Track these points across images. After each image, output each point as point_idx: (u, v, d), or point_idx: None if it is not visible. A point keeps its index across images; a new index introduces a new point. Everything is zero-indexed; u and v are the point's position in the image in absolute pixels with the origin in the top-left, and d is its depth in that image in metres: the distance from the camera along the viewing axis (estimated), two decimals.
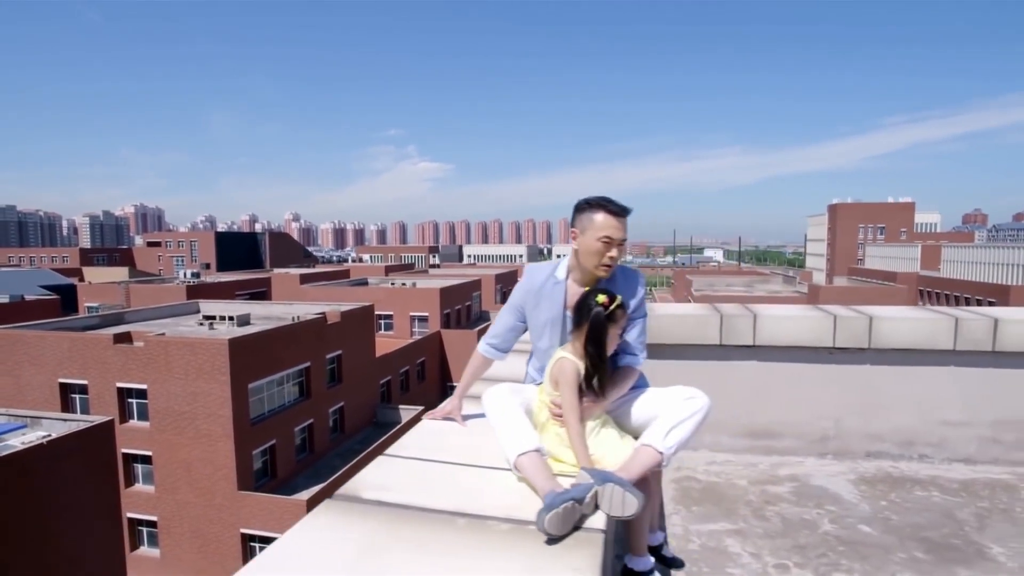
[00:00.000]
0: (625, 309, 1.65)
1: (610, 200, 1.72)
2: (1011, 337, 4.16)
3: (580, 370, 1.55)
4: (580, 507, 1.28)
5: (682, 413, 1.62)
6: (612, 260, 1.72)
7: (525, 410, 1.60)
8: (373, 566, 1.13)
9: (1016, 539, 3.30)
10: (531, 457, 1.43)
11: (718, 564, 3.06)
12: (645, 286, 1.80)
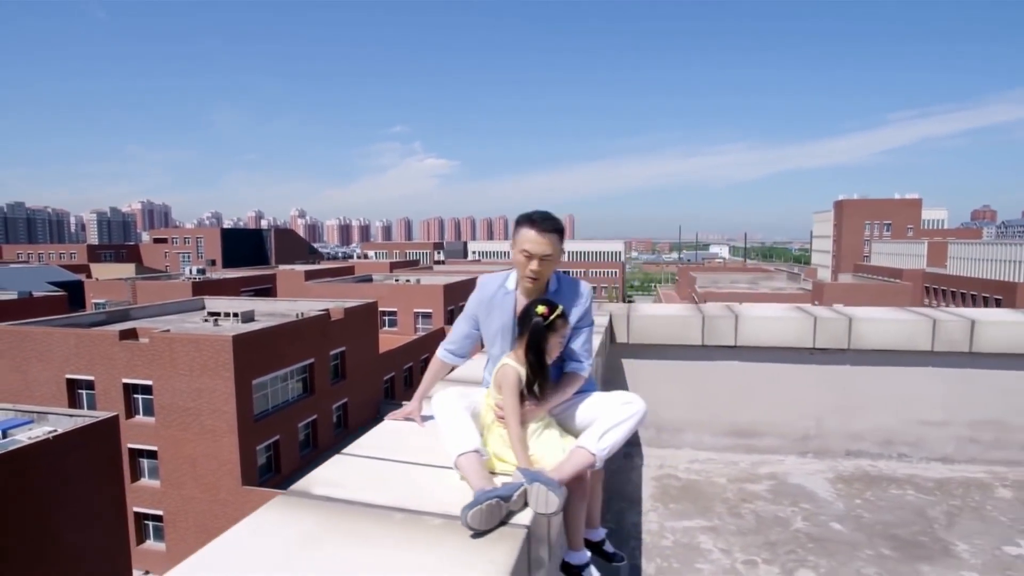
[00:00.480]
0: (566, 319, 1.74)
1: (538, 215, 1.80)
2: (987, 339, 4.22)
3: (521, 376, 1.65)
4: (507, 504, 1.38)
5: (617, 417, 1.71)
6: (534, 273, 1.81)
7: (473, 413, 1.70)
8: (307, 555, 1.24)
9: (982, 536, 3.38)
10: (469, 457, 1.53)
11: (688, 560, 3.16)
12: (590, 297, 1.88)
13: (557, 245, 1.82)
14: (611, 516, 3.67)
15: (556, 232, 1.82)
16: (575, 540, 1.64)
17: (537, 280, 1.84)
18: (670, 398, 4.69)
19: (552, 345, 1.69)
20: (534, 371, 1.65)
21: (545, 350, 1.67)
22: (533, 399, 1.65)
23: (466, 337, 2.10)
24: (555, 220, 1.84)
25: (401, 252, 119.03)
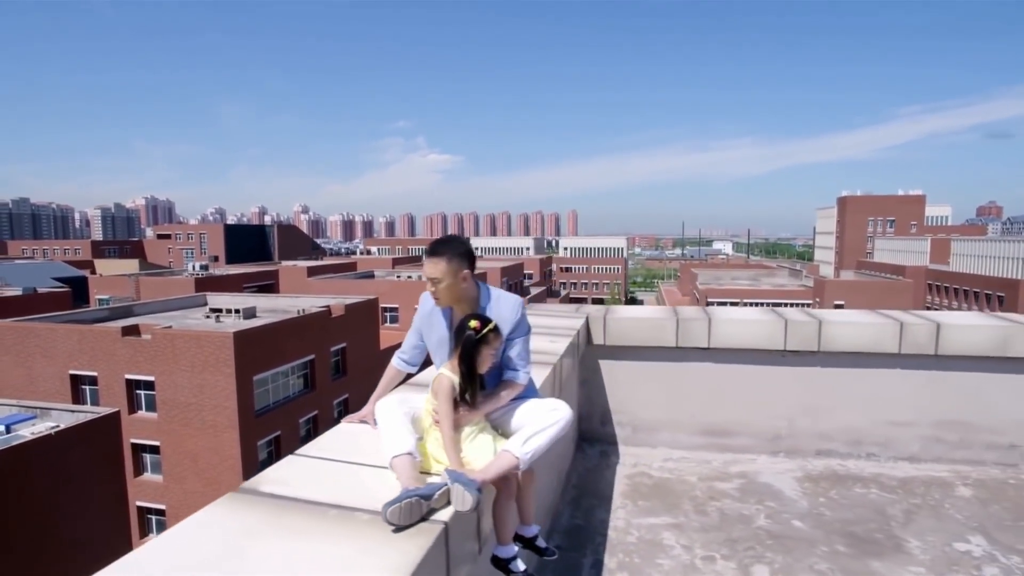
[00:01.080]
0: (499, 333, 1.87)
1: (433, 242, 1.94)
2: (952, 342, 4.34)
3: (455, 385, 1.78)
4: (428, 502, 1.51)
5: (543, 423, 1.84)
6: (433, 293, 1.95)
7: (413, 417, 1.83)
8: (243, 548, 1.38)
9: (935, 533, 3.50)
10: (402, 459, 1.66)
11: (650, 556, 3.29)
12: (521, 309, 1.99)
13: (447, 267, 1.92)
14: (580, 513, 3.81)
15: (442, 256, 1.93)
16: (503, 535, 1.77)
17: (440, 300, 1.98)
18: (646, 398, 4.83)
19: (484, 357, 1.82)
20: (466, 381, 1.78)
21: (476, 362, 1.80)
22: (466, 406, 1.78)
23: (415, 347, 2.23)
24: (444, 245, 1.95)
25: (404, 248, 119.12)
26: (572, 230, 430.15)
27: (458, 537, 1.59)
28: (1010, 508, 3.84)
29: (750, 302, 54.75)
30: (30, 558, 13.18)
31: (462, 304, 1.99)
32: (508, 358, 1.93)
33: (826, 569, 3.14)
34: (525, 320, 2.00)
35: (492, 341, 1.82)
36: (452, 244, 1.95)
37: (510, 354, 1.93)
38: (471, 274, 1.96)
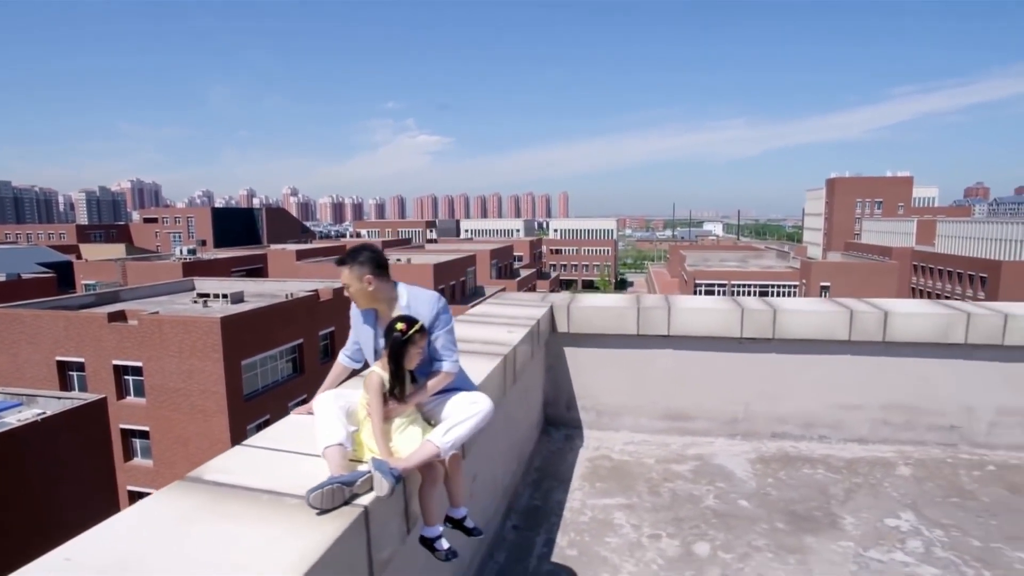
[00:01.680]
0: (425, 332, 2.01)
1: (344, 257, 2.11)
2: (899, 329, 4.53)
3: (384, 381, 1.93)
4: (351, 488, 1.67)
5: (463, 415, 1.99)
6: (349, 297, 2.12)
7: (349, 411, 1.98)
8: (179, 530, 1.54)
9: (870, 510, 3.72)
10: (333, 449, 1.81)
11: (599, 534, 3.49)
12: (438, 304, 2.14)
13: (350, 274, 2.10)
14: (539, 494, 4.00)
15: (345, 264, 2.11)
16: (428, 517, 1.93)
17: (357, 303, 2.15)
18: (609, 384, 5.01)
19: (411, 355, 1.96)
20: (394, 378, 1.92)
21: (404, 360, 1.94)
22: (395, 400, 1.93)
23: (354, 343, 2.38)
24: (349, 254, 2.12)
25: (393, 230, 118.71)
26: (563, 212, 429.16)
27: (379, 519, 1.75)
28: (943, 486, 4.07)
29: (737, 284, 55.23)
30: (21, 542, 13.34)
31: (380, 305, 2.14)
32: (434, 349, 2.08)
33: (763, 545, 3.35)
34: (445, 313, 2.14)
35: (418, 341, 1.96)
36: (355, 253, 2.11)
37: (435, 346, 2.08)
38: (375, 279, 2.10)
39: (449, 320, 2.16)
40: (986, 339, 4.46)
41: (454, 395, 2.09)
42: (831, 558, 3.22)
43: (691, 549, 3.31)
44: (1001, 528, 3.50)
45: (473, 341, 3.62)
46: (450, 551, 1.96)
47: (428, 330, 2.04)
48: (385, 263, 2.18)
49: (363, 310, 2.20)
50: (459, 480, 2.07)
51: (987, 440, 4.62)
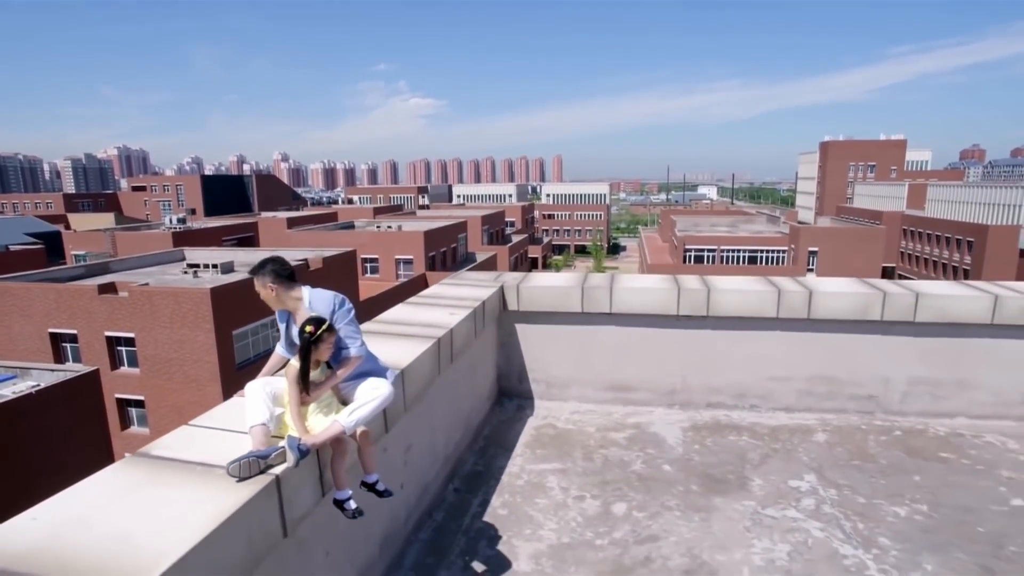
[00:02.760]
0: (332, 330, 2.32)
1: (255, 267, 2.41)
2: (822, 307, 4.88)
3: (299, 374, 2.25)
4: (266, 460, 2.01)
5: (366, 398, 2.32)
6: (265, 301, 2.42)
7: (276, 395, 2.30)
8: (126, 496, 1.89)
9: (779, 473, 4.12)
10: (256, 428, 2.14)
11: (531, 496, 3.88)
12: (335, 300, 2.43)
13: (258, 283, 2.44)
14: (483, 461, 4.39)
15: (253, 275, 2.43)
16: (338, 482, 2.27)
17: (271, 306, 2.46)
18: (557, 358, 5.37)
19: (321, 351, 2.28)
20: (302, 372, 2.24)
21: (312, 357, 2.26)
22: (307, 389, 2.26)
23: (286, 336, 2.68)
24: (255, 269, 2.44)
25: (386, 197, 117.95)
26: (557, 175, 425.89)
27: (292, 485, 2.11)
28: (851, 450, 4.48)
29: (727, 249, 55.58)
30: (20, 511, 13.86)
31: (288, 306, 2.45)
32: (339, 338, 2.40)
33: (674, 505, 3.75)
34: (342, 308, 2.45)
35: (326, 339, 2.27)
36: (261, 266, 2.42)
37: (339, 336, 2.39)
38: (278, 286, 2.42)
39: (348, 312, 2.46)
40: (900, 316, 4.81)
41: (364, 380, 2.41)
42: (731, 516, 3.62)
43: (609, 509, 3.71)
44: (887, 487, 3.91)
45: (414, 324, 3.95)
46: (357, 511, 2.31)
47: (334, 322, 2.35)
48: (289, 272, 2.49)
49: (279, 311, 2.51)
50: (369, 451, 2.40)
51: (900, 408, 5.02)
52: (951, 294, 4.80)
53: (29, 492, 14.12)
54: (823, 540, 3.37)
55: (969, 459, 4.33)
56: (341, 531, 2.64)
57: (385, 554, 3.11)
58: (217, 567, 1.79)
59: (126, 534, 1.74)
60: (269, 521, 2.02)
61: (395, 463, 3.22)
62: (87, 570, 1.58)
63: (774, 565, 3.15)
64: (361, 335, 2.48)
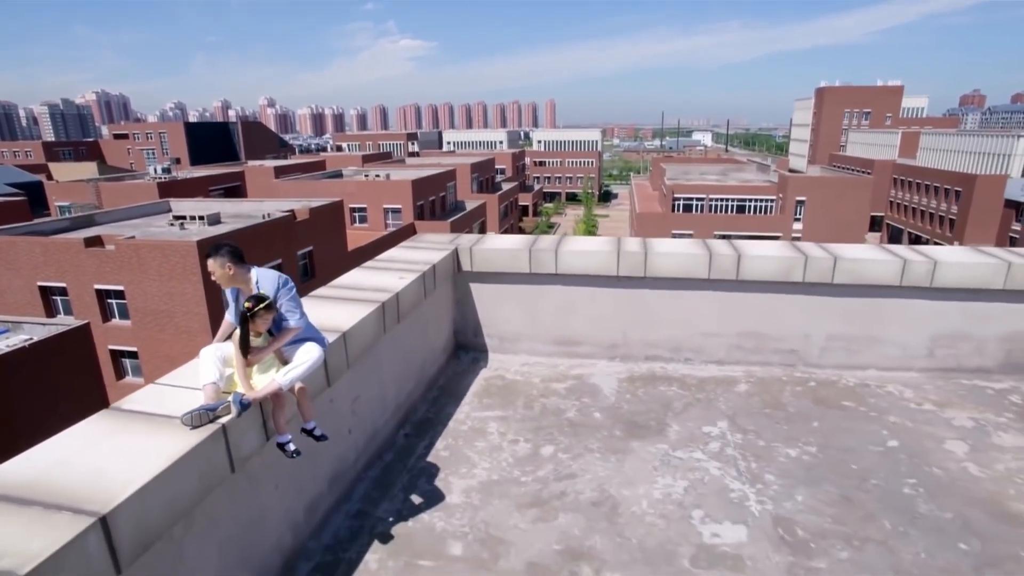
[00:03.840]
0: (270, 307, 2.70)
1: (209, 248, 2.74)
2: (749, 269, 5.29)
3: (239, 340, 2.64)
4: (214, 412, 2.44)
5: (300, 359, 2.73)
6: (217, 280, 2.76)
7: (226, 358, 2.71)
8: (98, 441, 2.32)
9: (696, 420, 4.63)
10: (208, 386, 2.55)
11: (471, 440, 4.38)
12: (278, 279, 2.79)
13: (215, 263, 2.75)
14: (435, 409, 4.87)
15: (211, 258, 2.76)
16: (278, 428, 2.70)
17: (221, 284, 2.80)
18: (508, 315, 5.80)
19: (259, 324, 2.66)
20: (242, 340, 2.64)
21: (250, 329, 2.65)
22: (248, 353, 2.66)
23: (235, 308, 3.06)
24: (214, 250, 2.74)
25: (374, 144, 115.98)
26: (550, 121, 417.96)
27: (237, 431, 2.56)
28: (767, 399, 4.99)
29: (716, 198, 55.64)
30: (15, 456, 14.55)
31: (239, 285, 2.82)
32: (280, 313, 2.78)
33: (596, 447, 4.26)
34: (285, 287, 2.82)
35: (263, 315, 2.66)
36: (218, 248, 2.76)
37: (282, 311, 2.78)
38: (234, 266, 2.77)
39: (290, 291, 2.84)
40: (819, 278, 5.24)
41: (302, 345, 2.83)
42: (644, 457, 4.13)
43: (539, 451, 4.22)
44: (787, 431, 4.44)
45: (364, 288, 4.34)
46: (295, 452, 2.77)
47: (276, 298, 2.74)
48: (241, 254, 2.85)
49: (230, 287, 2.89)
50: (306, 404, 2.85)
51: (818, 361, 5.52)
52: (865, 258, 5.23)
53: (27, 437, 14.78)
54: (717, 477, 3.89)
55: (866, 406, 4.86)
56: (290, 469, 3.11)
57: (334, 489, 3.61)
58: (172, 493, 2.24)
59: (101, 470, 2.19)
60: (217, 460, 2.47)
61: (342, 412, 3.68)
62: (72, 496, 2.03)
63: (669, 498, 3.67)
64: (300, 308, 2.87)
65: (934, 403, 4.94)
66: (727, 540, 3.30)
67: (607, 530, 3.38)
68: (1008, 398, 5.00)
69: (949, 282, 5.17)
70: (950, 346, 5.40)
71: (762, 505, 3.61)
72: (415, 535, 3.38)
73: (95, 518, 1.92)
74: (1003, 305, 5.21)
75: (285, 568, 3.10)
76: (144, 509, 2.10)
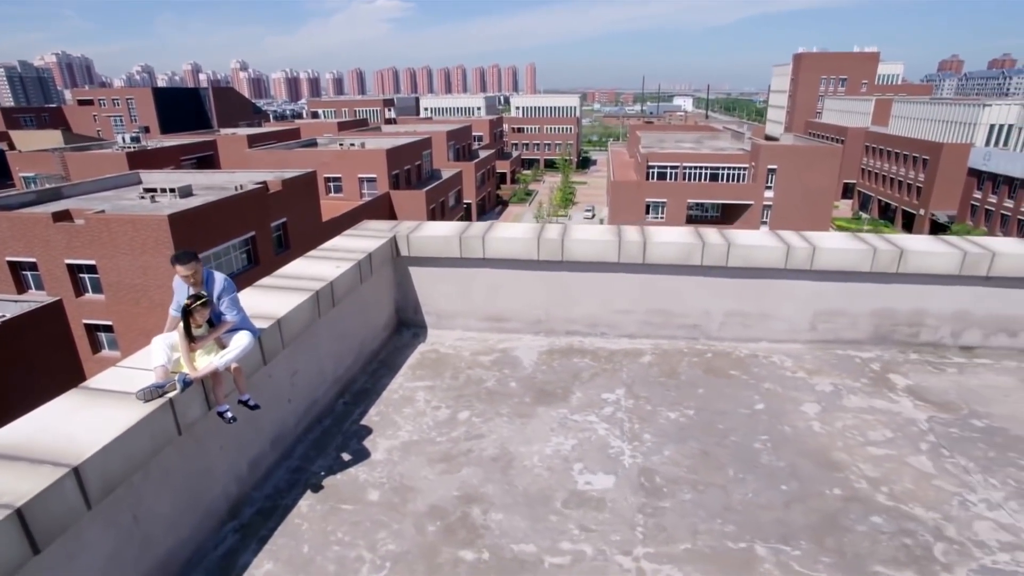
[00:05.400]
0: (206, 304, 3.31)
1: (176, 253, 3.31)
2: (654, 254, 5.98)
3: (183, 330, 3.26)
4: (162, 389, 3.06)
5: (234, 345, 3.36)
6: (187, 280, 3.35)
7: (173, 345, 3.32)
8: (69, 416, 2.95)
9: (598, 388, 5.36)
10: (158, 368, 3.17)
11: (400, 406, 5.08)
12: (223, 281, 3.40)
13: (191, 267, 3.31)
14: (372, 380, 5.55)
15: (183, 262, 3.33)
16: (217, 399, 3.35)
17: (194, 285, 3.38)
18: (444, 295, 6.46)
19: (198, 317, 3.28)
20: (186, 328, 3.26)
21: (191, 321, 3.26)
22: (191, 341, 3.29)
23: (178, 302, 3.65)
24: (190, 256, 3.35)
25: (351, 110, 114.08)
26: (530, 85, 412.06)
27: (183, 403, 3.20)
28: (665, 369, 5.74)
29: (689, 166, 56.31)
30: None
31: (196, 284, 3.43)
32: (221, 311, 3.41)
33: (506, 412, 4.98)
34: (228, 287, 3.44)
35: (199, 311, 3.28)
36: (192, 257, 3.32)
37: (222, 308, 3.40)
38: (202, 268, 3.38)
39: (232, 290, 3.46)
40: (716, 262, 5.96)
41: (237, 332, 3.46)
42: (545, 420, 4.87)
43: (456, 416, 4.93)
44: (675, 397, 5.20)
45: (303, 278, 4.96)
46: (232, 418, 3.43)
47: (218, 297, 3.37)
48: (200, 259, 3.46)
49: (181, 285, 3.48)
50: (241, 380, 3.50)
51: (718, 335, 6.29)
52: (756, 244, 5.94)
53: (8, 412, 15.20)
54: (603, 437, 4.65)
55: (749, 375, 5.64)
56: (235, 432, 3.78)
57: (276, 448, 4.30)
58: (129, 451, 2.90)
59: (72, 434, 2.82)
60: (165, 425, 3.12)
61: (282, 385, 4.34)
62: (51, 453, 2.67)
63: (558, 454, 4.42)
64: (237, 304, 3.50)
65: (807, 371, 5.74)
66: (596, 487, 4.06)
67: (500, 480, 4.12)
68: (869, 366, 5.82)
69: (827, 265, 5.92)
70: (829, 321, 6.19)
71: (633, 459, 4.37)
72: (341, 485, 4.09)
73: (69, 468, 2.57)
74: (871, 285, 5.98)
75: (230, 512, 3.80)
76: (107, 462, 2.75)
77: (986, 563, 3.44)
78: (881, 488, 4.08)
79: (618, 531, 3.67)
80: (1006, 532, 3.68)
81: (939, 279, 5.92)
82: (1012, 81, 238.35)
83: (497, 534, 3.63)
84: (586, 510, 3.85)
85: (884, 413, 5.00)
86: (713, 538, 3.63)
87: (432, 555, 3.48)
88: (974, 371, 5.72)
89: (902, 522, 3.77)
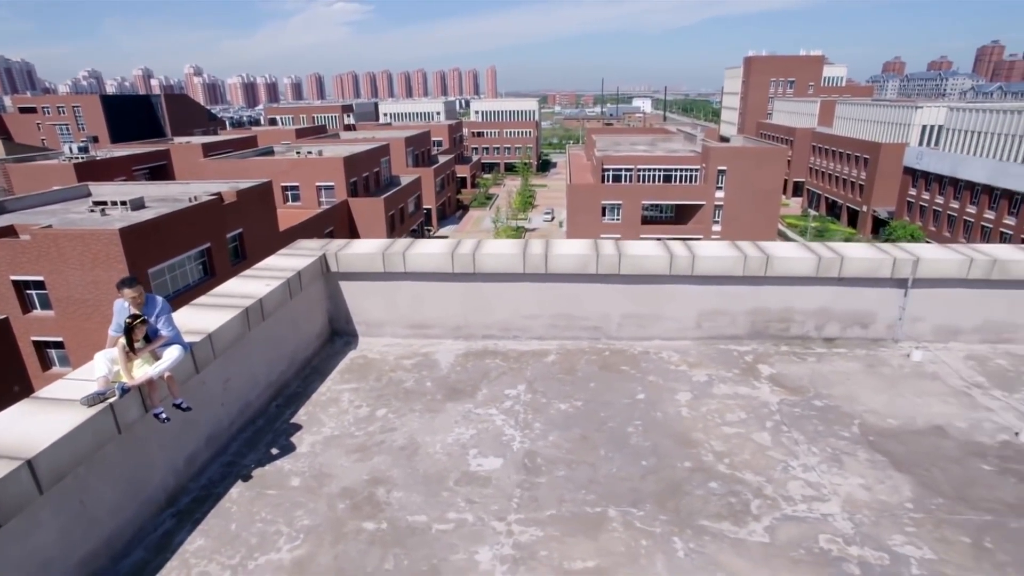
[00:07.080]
0: (144, 323, 3.94)
1: (122, 279, 3.95)
2: (554, 265, 6.78)
3: (124, 345, 3.87)
4: (103, 396, 3.68)
5: (167, 357, 3.99)
6: (133, 302, 3.98)
7: (114, 358, 3.92)
8: (20, 420, 3.55)
9: (502, 385, 6.13)
10: (100, 378, 3.77)
11: (326, 407, 5.75)
12: (160, 303, 4.05)
13: (136, 290, 3.91)
14: (303, 384, 6.20)
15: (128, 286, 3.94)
16: (153, 403, 3.98)
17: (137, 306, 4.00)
18: (372, 305, 7.14)
19: (136, 334, 3.90)
20: (128, 343, 3.88)
21: (130, 337, 3.89)
22: (131, 353, 3.91)
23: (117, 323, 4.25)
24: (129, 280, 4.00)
25: (309, 117, 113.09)
26: (491, 88, 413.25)
27: (122, 407, 3.83)
28: (565, 367, 6.54)
29: (643, 168, 57.92)
30: None
31: (138, 305, 4.05)
32: (158, 327, 4.04)
33: (419, 408, 5.70)
34: (164, 307, 4.08)
35: (140, 327, 3.91)
36: (134, 282, 3.94)
37: (158, 325, 4.04)
38: (144, 293, 4.01)
39: (166, 310, 4.11)
40: (610, 270, 6.79)
41: (170, 346, 4.10)
42: (452, 414, 5.60)
43: (375, 413, 5.63)
44: (569, 391, 5.99)
45: (235, 296, 5.59)
46: (166, 419, 4.06)
47: (156, 315, 4.01)
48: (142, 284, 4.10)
49: (124, 307, 4.09)
50: (174, 386, 4.13)
51: (617, 334, 7.13)
52: (644, 254, 6.80)
53: None
54: (499, 426, 5.40)
55: (637, 369, 6.49)
56: (172, 432, 4.40)
57: (211, 446, 4.93)
58: (74, 447, 3.52)
59: (26, 433, 3.43)
60: (106, 426, 3.75)
61: (215, 391, 4.98)
62: (8, 449, 3.27)
63: (458, 442, 5.16)
64: (172, 323, 4.14)
65: (689, 364, 6.61)
66: (485, 468, 4.82)
67: (404, 465, 4.84)
68: (744, 358, 6.74)
69: (706, 271, 6.81)
70: (711, 319, 7.09)
71: (522, 444, 5.14)
72: (268, 475, 4.75)
73: (23, 460, 3.19)
74: (744, 287, 6.91)
75: (168, 500, 4.43)
76: (55, 455, 3.38)
77: (788, 512, 4.32)
78: (724, 460, 4.94)
79: (497, 503, 4.43)
80: (811, 488, 4.57)
81: (802, 280, 6.88)
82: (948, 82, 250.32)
83: (396, 508, 4.35)
84: (474, 487, 4.60)
85: (744, 398, 5.89)
86: (575, 505, 4.42)
87: (339, 527, 4.18)
88: (829, 360, 6.69)
89: (733, 485, 4.62)
